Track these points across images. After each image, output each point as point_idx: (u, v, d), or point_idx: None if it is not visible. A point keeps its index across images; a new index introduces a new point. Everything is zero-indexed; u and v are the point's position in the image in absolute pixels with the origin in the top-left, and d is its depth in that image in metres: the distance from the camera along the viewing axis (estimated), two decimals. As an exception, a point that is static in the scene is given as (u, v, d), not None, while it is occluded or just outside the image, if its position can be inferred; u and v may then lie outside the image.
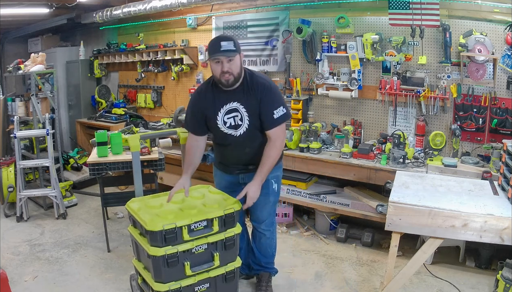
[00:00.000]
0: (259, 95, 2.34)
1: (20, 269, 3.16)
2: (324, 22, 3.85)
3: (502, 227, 2.03)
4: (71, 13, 5.27)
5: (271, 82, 2.47)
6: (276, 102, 2.36)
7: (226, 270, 2.30)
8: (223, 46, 2.24)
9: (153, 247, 2.12)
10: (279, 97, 2.42)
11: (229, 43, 2.26)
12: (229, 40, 2.28)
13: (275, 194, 2.63)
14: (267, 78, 2.52)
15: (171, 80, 5.11)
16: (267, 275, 2.77)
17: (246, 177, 2.53)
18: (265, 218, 2.64)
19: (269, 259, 2.78)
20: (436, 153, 3.28)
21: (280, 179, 2.69)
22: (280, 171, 2.67)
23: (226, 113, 2.40)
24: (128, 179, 4.37)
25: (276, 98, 2.38)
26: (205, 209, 2.27)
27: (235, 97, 2.37)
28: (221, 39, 2.31)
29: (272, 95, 2.36)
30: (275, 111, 2.34)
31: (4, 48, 6.50)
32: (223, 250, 2.27)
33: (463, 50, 3.16)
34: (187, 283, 2.19)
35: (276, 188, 2.61)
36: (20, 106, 4.81)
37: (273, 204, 2.67)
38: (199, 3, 4.12)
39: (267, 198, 2.57)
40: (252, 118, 2.38)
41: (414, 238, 3.30)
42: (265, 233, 2.69)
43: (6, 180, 4.26)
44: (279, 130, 2.38)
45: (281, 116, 2.36)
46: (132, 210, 2.31)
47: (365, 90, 3.74)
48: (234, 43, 2.28)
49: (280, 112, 2.35)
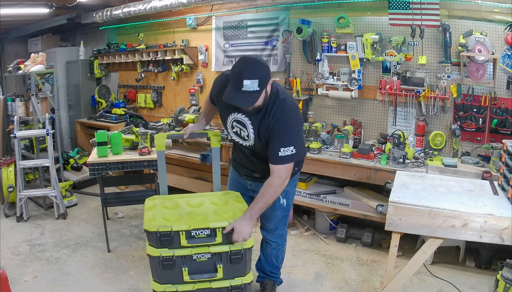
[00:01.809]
0: (272, 125, 2.12)
1: (20, 269, 3.16)
2: (324, 22, 3.85)
3: (502, 227, 2.03)
4: (71, 13, 5.26)
5: (292, 114, 2.15)
6: (287, 140, 2.11)
7: (232, 284, 2.16)
8: (245, 86, 1.96)
9: (150, 246, 2.11)
10: (292, 134, 2.13)
11: (253, 83, 1.95)
12: (253, 78, 1.95)
13: (283, 209, 2.51)
14: (290, 108, 2.17)
15: (171, 80, 5.11)
16: (271, 283, 2.74)
17: (253, 184, 2.47)
18: (272, 229, 2.58)
19: (273, 269, 2.72)
20: (436, 153, 3.28)
21: (291, 194, 2.54)
22: (292, 186, 2.48)
23: (234, 120, 2.25)
24: (128, 179, 4.39)
25: (288, 135, 2.12)
26: (212, 218, 2.17)
27: (247, 113, 2.18)
28: (246, 75, 1.96)
29: (284, 131, 2.11)
30: (282, 148, 2.10)
31: (4, 48, 6.49)
32: (228, 263, 2.14)
33: (463, 50, 3.16)
34: (185, 288, 2.14)
35: (284, 203, 2.48)
36: (20, 106, 4.81)
37: (282, 218, 2.55)
38: (199, 3, 4.12)
39: (274, 212, 2.48)
40: (259, 140, 2.21)
41: (414, 238, 3.30)
42: (271, 244, 2.63)
43: (6, 180, 4.26)
44: (282, 168, 2.14)
45: (287, 156, 2.11)
46: (146, 206, 2.31)
47: (365, 90, 3.74)
48: (260, 81, 1.97)
49: (287, 151, 2.10)
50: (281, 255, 2.71)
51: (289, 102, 2.19)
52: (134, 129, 3.67)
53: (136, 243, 3.62)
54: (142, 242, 3.60)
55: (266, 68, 2.06)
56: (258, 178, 2.39)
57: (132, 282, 3.00)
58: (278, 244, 2.63)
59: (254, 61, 2.05)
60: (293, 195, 2.57)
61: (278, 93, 2.17)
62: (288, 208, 2.54)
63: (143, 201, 2.45)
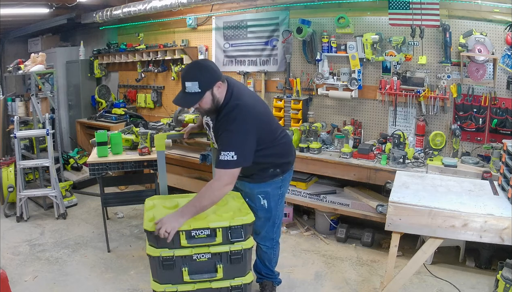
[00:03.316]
0: (219, 128, 2.19)
1: (20, 269, 3.17)
2: (324, 22, 3.85)
3: (502, 227, 2.03)
4: (71, 13, 5.26)
5: (238, 119, 2.12)
6: (228, 145, 2.08)
7: (231, 284, 2.17)
8: (187, 87, 2.09)
9: (150, 246, 2.11)
10: (235, 140, 2.10)
11: (194, 84, 2.07)
12: (193, 80, 2.07)
13: (265, 211, 2.46)
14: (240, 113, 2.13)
15: (171, 80, 5.11)
16: (270, 284, 2.74)
17: (238, 182, 2.44)
18: (258, 232, 2.55)
19: (268, 271, 2.71)
20: (436, 153, 3.28)
21: (274, 196, 2.47)
22: (273, 187, 2.45)
23: (206, 123, 2.41)
24: (128, 179, 4.39)
25: (230, 140, 2.10)
26: (212, 218, 2.16)
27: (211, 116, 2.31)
28: (186, 77, 2.10)
29: (227, 135, 2.11)
30: (223, 152, 2.07)
31: (4, 48, 6.49)
32: (228, 263, 2.14)
33: (463, 50, 3.16)
34: (185, 289, 2.14)
35: (265, 204, 2.44)
36: (20, 106, 4.81)
37: (265, 220, 2.50)
38: (199, 3, 4.12)
39: (256, 214, 2.36)
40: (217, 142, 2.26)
41: (414, 238, 3.30)
42: (261, 247, 2.61)
43: (6, 180, 4.26)
44: (223, 172, 2.09)
45: (227, 161, 2.07)
46: (146, 206, 2.31)
47: (365, 90, 3.74)
48: (199, 83, 2.06)
49: (227, 156, 2.06)
50: (274, 258, 2.68)
51: (241, 107, 2.15)
52: (134, 129, 3.67)
53: (136, 243, 3.62)
54: (142, 242, 3.60)
55: (208, 72, 2.12)
56: (240, 177, 2.33)
57: (132, 282, 3.00)
58: (268, 247, 2.60)
59: (198, 64, 2.22)
60: (277, 197, 2.49)
61: (232, 97, 2.18)
62: (271, 210, 2.48)
63: (143, 201, 2.45)
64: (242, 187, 2.48)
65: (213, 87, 2.12)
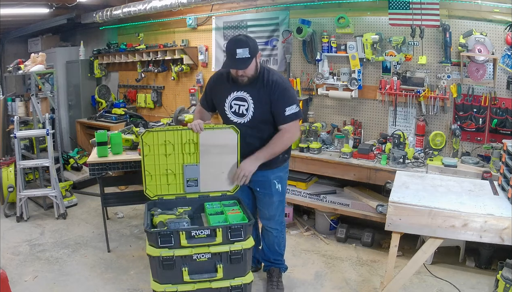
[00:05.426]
0: (272, 92, 2.41)
1: (20, 269, 3.16)
2: (324, 22, 3.85)
3: (502, 227, 2.03)
4: (71, 13, 5.27)
5: (286, 81, 2.54)
6: (290, 100, 2.43)
7: (232, 284, 2.19)
8: (238, 54, 2.30)
9: (150, 246, 2.11)
10: (292, 95, 2.49)
11: (244, 50, 2.30)
12: (244, 47, 2.31)
13: (279, 194, 2.66)
14: (283, 77, 2.55)
15: (171, 80, 5.11)
16: (277, 271, 2.84)
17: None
18: (271, 216, 2.70)
19: (277, 257, 2.84)
20: (436, 153, 3.28)
21: (284, 180, 2.72)
22: (284, 172, 2.70)
23: (234, 99, 2.50)
24: (128, 179, 4.39)
25: (290, 96, 2.45)
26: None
27: (247, 88, 2.46)
28: (237, 45, 2.32)
29: (286, 92, 2.43)
30: (287, 108, 2.41)
31: (4, 48, 6.49)
32: (228, 263, 2.17)
33: (463, 50, 3.16)
34: (185, 288, 2.15)
35: (280, 188, 2.65)
36: (20, 106, 4.81)
37: (279, 204, 2.70)
38: (199, 3, 4.13)
39: (271, 198, 2.64)
40: (257, 111, 2.46)
41: (414, 238, 3.30)
42: (272, 231, 2.74)
43: (6, 180, 4.25)
44: (292, 125, 2.46)
45: (293, 114, 2.43)
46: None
47: (365, 90, 3.74)
48: (249, 49, 2.31)
49: (292, 109, 2.42)
50: (282, 242, 2.82)
51: (276, 72, 2.55)
52: (134, 129, 3.67)
53: (136, 243, 3.62)
54: (142, 242, 3.60)
55: (253, 40, 2.42)
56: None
57: (132, 282, 2.99)
58: (278, 231, 2.75)
59: (244, 35, 2.47)
60: (286, 180, 2.74)
61: (265, 67, 2.52)
62: (283, 193, 2.71)
63: (143, 201, 2.45)
64: (254, 177, 2.51)
65: (256, 55, 2.39)
